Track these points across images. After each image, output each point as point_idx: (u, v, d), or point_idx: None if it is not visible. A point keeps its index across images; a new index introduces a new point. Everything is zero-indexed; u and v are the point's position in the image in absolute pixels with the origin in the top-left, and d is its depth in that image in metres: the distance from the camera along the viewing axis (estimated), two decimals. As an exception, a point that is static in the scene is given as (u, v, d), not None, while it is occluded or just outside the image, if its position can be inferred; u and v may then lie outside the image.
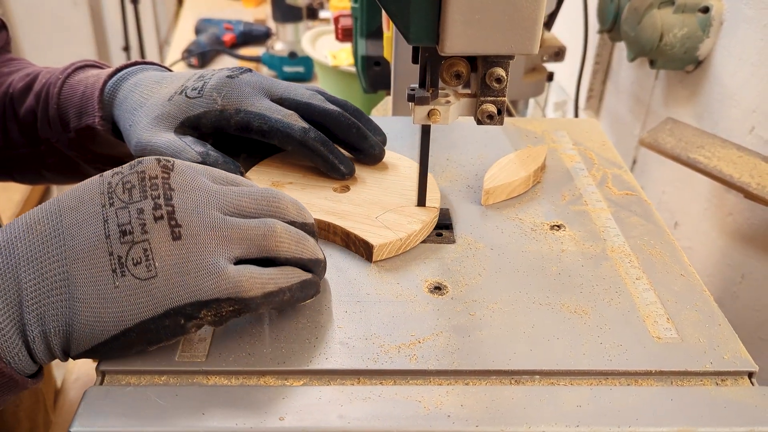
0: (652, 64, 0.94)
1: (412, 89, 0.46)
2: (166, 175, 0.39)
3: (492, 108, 0.45)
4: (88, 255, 0.37)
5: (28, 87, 0.64)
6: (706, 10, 0.87)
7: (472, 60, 0.45)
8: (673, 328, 0.42)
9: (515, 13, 0.40)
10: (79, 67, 0.62)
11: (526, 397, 0.37)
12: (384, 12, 0.57)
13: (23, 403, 0.74)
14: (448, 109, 0.46)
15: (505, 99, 0.45)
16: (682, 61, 0.91)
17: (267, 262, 0.40)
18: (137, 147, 0.52)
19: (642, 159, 1.12)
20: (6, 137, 0.65)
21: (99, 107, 0.57)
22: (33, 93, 0.63)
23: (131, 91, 0.56)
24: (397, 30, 0.43)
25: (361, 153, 0.55)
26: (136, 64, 0.59)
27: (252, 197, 0.41)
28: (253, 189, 0.42)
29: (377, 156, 0.55)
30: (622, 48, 1.17)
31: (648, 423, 0.36)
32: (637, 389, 0.38)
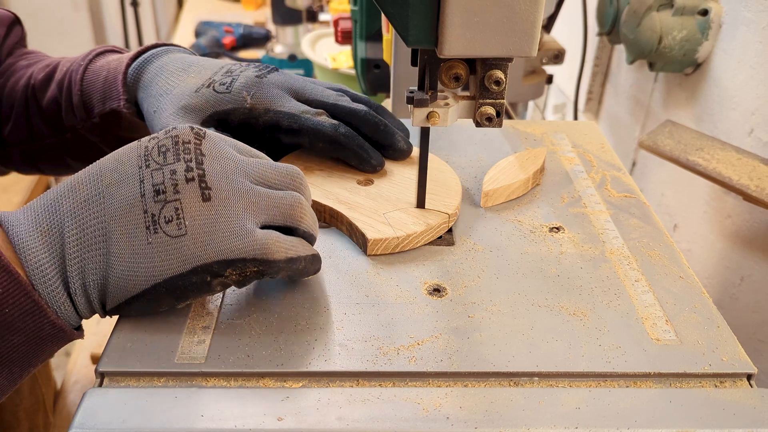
0: (651, 66, 0.94)
1: (411, 92, 0.46)
2: (198, 142, 0.41)
3: (491, 110, 0.45)
4: (125, 212, 0.39)
5: (48, 77, 0.65)
6: (705, 12, 0.88)
7: (470, 62, 0.45)
8: (672, 330, 0.42)
9: (513, 16, 0.40)
10: (100, 53, 0.63)
11: (524, 399, 0.37)
12: (383, 15, 0.57)
13: (23, 403, 0.74)
14: (447, 112, 0.46)
15: (504, 101, 0.45)
16: (681, 64, 0.92)
17: (287, 232, 0.42)
18: None
19: (641, 161, 1.12)
20: (30, 129, 0.67)
21: (123, 90, 0.59)
22: (55, 82, 0.64)
23: (156, 75, 0.57)
24: (396, 33, 0.43)
25: (389, 149, 0.56)
26: (157, 46, 0.60)
27: (277, 171, 0.43)
28: (278, 164, 0.44)
29: (405, 151, 0.56)
30: (621, 51, 1.17)
31: (647, 425, 0.36)
32: (636, 391, 0.38)
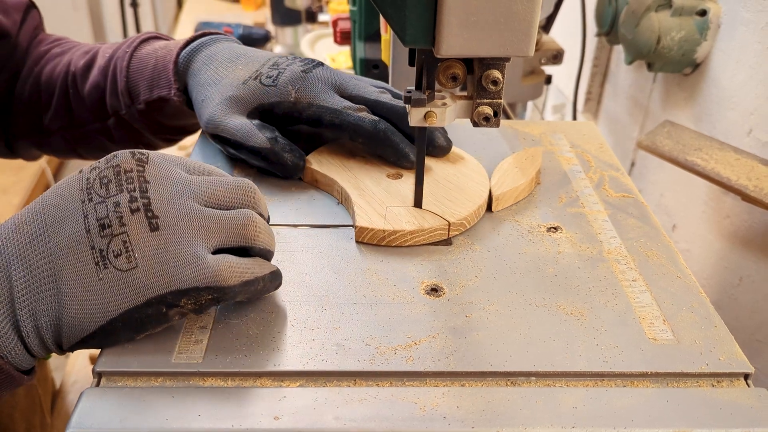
0: (649, 67, 0.94)
1: (408, 91, 0.46)
2: (141, 168, 0.40)
3: (488, 110, 0.45)
4: (71, 250, 0.38)
5: (89, 64, 0.66)
6: (703, 13, 0.88)
7: (468, 62, 0.45)
8: (669, 329, 0.42)
9: (511, 16, 0.40)
10: (144, 40, 0.65)
11: (522, 399, 0.37)
12: (381, 15, 0.57)
13: (19, 405, 0.74)
14: (444, 112, 0.46)
15: (502, 101, 0.45)
16: (679, 64, 0.92)
17: (241, 252, 0.41)
18: (209, 124, 0.55)
19: (640, 162, 1.12)
20: (71, 115, 0.68)
21: (175, 79, 0.60)
22: (97, 68, 0.65)
23: (205, 65, 0.58)
24: (394, 33, 0.43)
25: (429, 144, 0.56)
26: (206, 34, 0.62)
27: (227, 187, 0.42)
28: (228, 179, 0.42)
29: (444, 147, 0.57)
30: (620, 51, 1.17)
31: (644, 424, 0.36)
32: (633, 391, 0.38)
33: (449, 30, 0.40)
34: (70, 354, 1.13)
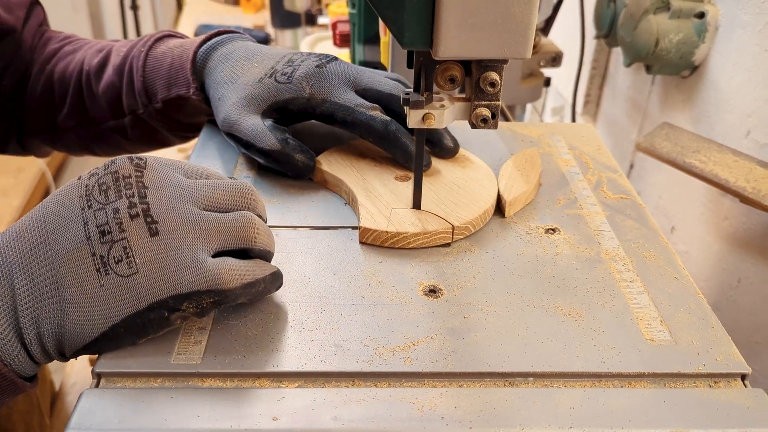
0: (648, 69, 0.95)
1: (407, 93, 0.46)
2: (139, 174, 0.40)
3: (486, 112, 0.45)
4: (73, 257, 0.38)
5: (103, 62, 0.67)
6: (701, 15, 0.88)
7: (466, 64, 0.45)
8: (667, 330, 0.42)
9: (508, 18, 0.40)
10: (159, 39, 0.65)
11: (519, 399, 0.37)
12: (379, 18, 0.57)
13: (18, 406, 0.74)
14: (442, 113, 0.46)
15: (500, 103, 0.45)
16: (678, 67, 0.92)
17: (241, 254, 0.41)
18: (224, 123, 0.56)
19: (639, 164, 1.13)
20: (85, 114, 0.69)
21: (193, 78, 0.61)
22: (112, 67, 0.66)
23: (221, 63, 0.59)
24: (392, 35, 0.43)
25: (437, 146, 0.57)
26: (221, 33, 0.62)
27: (225, 190, 0.42)
28: (226, 182, 0.43)
29: (452, 150, 0.57)
30: (618, 53, 1.18)
31: (641, 425, 0.36)
32: (631, 391, 0.38)
33: (447, 32, 0.40)
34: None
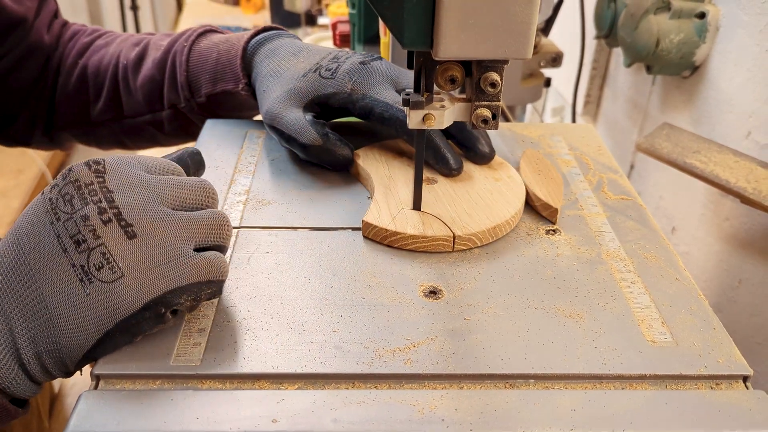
0: (648, 69, 0.94)
1: (407, 94, 0.46)
2: (100, 179, 0.39)
3: (487, 112, 0.45)
4: (53, 272, 0.37)
5: (141, 56, 0.69)
6: (702, 15, 0.88)
7: (466, 65, 0.45)
8: (668, 331, 0.42)
9: (509, 18, 0.40)
10: (201, 33, 0.67)
11: (520, 401, 0.37)
12: (379, 18, 0.57)
13: None
14: (442, 114, 0.46)
15: (500, 103, 0.45)
16: (678, 67, 0.92)
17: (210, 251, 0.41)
18: (267, 115, 0.57)
19: (639, 164, 1.12)
20: (121, 107, 0.70)
21: (243, 74, 0.62)
22: (152, 61, 0.68)
23: (267, 57, 0.61)
24: (392, 35, 0.43)
25: (471, 151, 0.57)
26: (267, 29, 0.64)
27: (191, 188, 0.42)
28: (190, 180, 0.42)
29: (488, 155, 0.57)
30: (619, 53, 1.18)
31: (642, 427, 0.36)
32: (632, 393, 0.38)
33: (447, 32, 0.40)
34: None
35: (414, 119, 0.46)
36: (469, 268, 0.47)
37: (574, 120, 1.21)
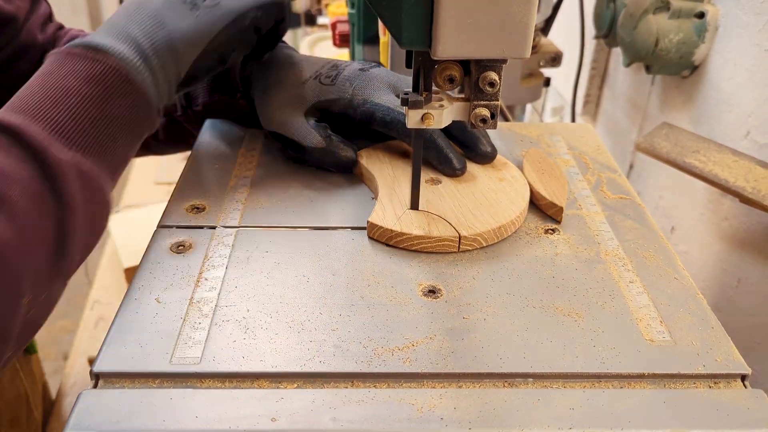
0: (648, 69, 0.94)
1: (406, 93, 0.46)
2: None
3: (485, 112, 0.45)
4: (169, 6, 0.50)
5: None
6: (701, 15, 0.88)
7: (465, 64, 0.45)
8: (666, 331, 0.42)
9: (507, 18, 0.40)
10: None
11: (519, 400, 0.37)
12: (378, 18, 0.58)
13: (3, 394, 0.74)
14: (441, 113, 0.46)
15: (499, 103, 0.45)
16: (677, 67, 0.92)
17: None
18: (269, 123, 0.58)
19: (639, 164, 1.13)
20: None
21: (240, 83, 0.63)
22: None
23: (267, 68, 0.61)
24: (391, 35, 0.43)
25: (472, 151, 0.57)
26: None
27: None
28: None
29: (490, 155, 0.57)
30: (618, 53, 1.18)
31: (641, 426, 0.36)
32: (630, 392, 0.38)
33: (445, 32, 0.40)
34: (70, 356, 1.13)
35: (413, 118, 0.46)
36: (468, 267, 0.47)
37: (573, 120, 1.21)
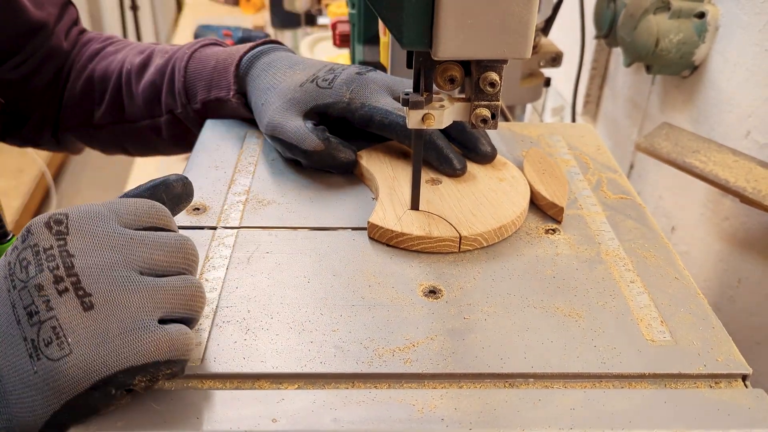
0: (648, 69, 0.94)
1: (406, 94, 0.46)
2: (61, 242, 0.35)
3: (486, 112, 0.45)
4: (6, 345, 0.34)
5: (145, 62, 0.70)
6: (701, 15, 0.88)
7: (465, 64, 0.45)
8: (667, 330, 0.42)
9: (507, 18, 0.40)
10: (204, 45, 0.68)
11: (519, 400, 0.37)
12: (379, 18, 0.58)
13: None
14: (442, 114, 0.46)
15: (500, 103, 0.45)
16: (678, 66, 0.92)
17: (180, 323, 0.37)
18: (268, 127, 0.57)
19: (639, 164, 1.13)
20: (122, 112, 0.71)
21: (234, 81, 0.62)
22: (154, 67, 0.69)
23: (264, 71, 0.61)
24: (392, 35, 0.43)
25: (472, 151, 0.57)
26: (266, 43, 0.65)
27: (166, 251, 0.37)
28: (168, 238, 0.38)
29: (490, 155, 0.57)
30: (618, 53, 1.17)
31: (642, 426, 0.36)
32: (631, 392, 0.38)
33: (446, 32, 0.40)
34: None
35: (413, 119, 0.46)
36: (469, 267, 0.47)
37: (573, 120, 1.21)
